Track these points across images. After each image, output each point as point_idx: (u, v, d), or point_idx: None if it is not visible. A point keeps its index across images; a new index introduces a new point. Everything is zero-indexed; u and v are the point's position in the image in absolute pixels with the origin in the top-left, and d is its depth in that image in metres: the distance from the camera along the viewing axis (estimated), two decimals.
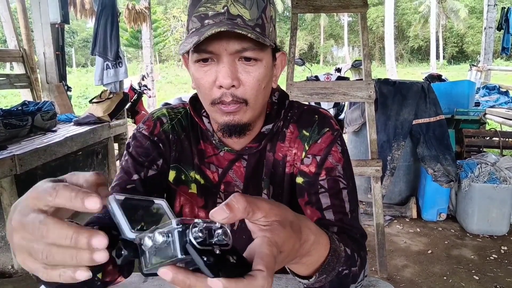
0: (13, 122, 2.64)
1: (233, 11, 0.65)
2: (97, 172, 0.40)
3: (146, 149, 0.81)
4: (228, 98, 0.68)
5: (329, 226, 0.74)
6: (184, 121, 0.85)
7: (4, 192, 2.23)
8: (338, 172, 0.78)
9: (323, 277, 0.57)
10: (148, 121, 0.84)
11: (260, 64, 0.69)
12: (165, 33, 24.72)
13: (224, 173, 0.83)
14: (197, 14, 0.67)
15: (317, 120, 0.82)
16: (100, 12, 3.59)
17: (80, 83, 15.68)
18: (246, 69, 0.68)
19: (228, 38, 0.64)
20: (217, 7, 0.65)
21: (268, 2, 0.70)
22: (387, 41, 18.36)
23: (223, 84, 0.66)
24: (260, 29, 0.67)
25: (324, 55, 32.92)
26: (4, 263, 2.42)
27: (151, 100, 8.29)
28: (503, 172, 2.85)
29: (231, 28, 0.61)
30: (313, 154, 0.79)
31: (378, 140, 3.11)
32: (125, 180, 0.78)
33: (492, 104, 4.92)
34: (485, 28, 7.94)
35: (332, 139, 0.80)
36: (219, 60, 0.67)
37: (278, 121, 0.81)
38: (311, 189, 0.78)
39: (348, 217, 0.76)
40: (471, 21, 26.69)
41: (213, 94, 0.69)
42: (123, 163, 0.82)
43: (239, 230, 0.85)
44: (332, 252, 0.56)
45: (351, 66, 5.80)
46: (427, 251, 2.71)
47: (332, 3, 2.28)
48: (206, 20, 0.66)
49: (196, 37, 0.63)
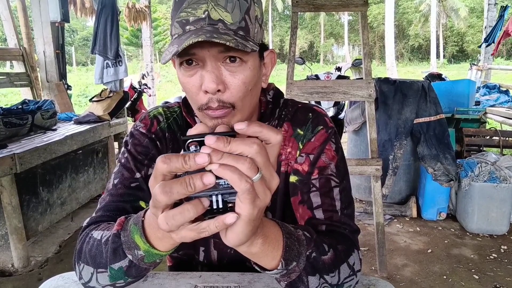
0: (13, 120, 2.64)
1: (214, 16, 0.63)
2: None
3: (145, 147, 0.81)
4: (214, 103, 0.66)
5: (318, 225, 0.74)
6: (179, 120, 0.85)
7: (4, 191, 2.23)
8: (330, 170, 0.78)
9: (294, 265, 0.58)
10: (145, 119, 0.84)
11: (245, 66, 0.67)
12: (165, 32, 24.69)
13: None
14: (179, 19, 0.65)
15: (311, 118, 0.82)
16: (100, 10, 3.59)
17: (80, 81, 15.68)
18: (231, 73, 0.66)
19: (210, 43, 0.62)
20: (198, 12, 0.64)
21: (252, 2, 0.68)
22: (388, 40, 18.35)
23: (208, 89, 0.65)
24: (244, 32, 0.66)
25: (324, 54, 32.92)
26: (4, 262, 2.43)
27: (151, 99, 8.29)
28: (503, 171, 2.85)
29: (209, 37, 0.59)
30: (306, 153, 0.79)
31: (380, 139, 3.12)
32: (128, 178, 0.78)
33: (492, 103, 4.92)
34: (485, 27, 7.93)
35: (326, 137, 0.80)
36: (204, 64, 0.65)
37: (273, 120, 0.81)
38: (304, 188, 0.78)
39: (338, 214, 0.75)
40: (472, 20, 26.68)
41: (200, 99, 0.68)
42: (122, 160, 0.81)
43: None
44: (286, 234, 0.57)
45: (351, 65, 5.79)
46: (427, 250, 2.71)
47: (332, 2, 2.28)
48: (187, 26, 0.64)
49: (176, 46, 0.62)
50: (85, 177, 3.15)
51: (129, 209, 0.75)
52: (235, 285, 0.76)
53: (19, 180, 2.32)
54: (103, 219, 0.74)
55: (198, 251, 0.88)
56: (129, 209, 0.75)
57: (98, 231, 0.67)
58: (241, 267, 0.88)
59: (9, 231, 2.31)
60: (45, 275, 2.33)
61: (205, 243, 0.87)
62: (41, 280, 1.24)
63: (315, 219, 0.75)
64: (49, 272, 2.38)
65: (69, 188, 2.90)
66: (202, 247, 0.88)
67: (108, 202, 0.76)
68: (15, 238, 2.32)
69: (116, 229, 0.60)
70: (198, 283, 0.77)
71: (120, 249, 0.59)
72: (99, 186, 3.40)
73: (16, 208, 2.29)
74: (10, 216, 2.28)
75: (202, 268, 0.90)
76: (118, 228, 0.60)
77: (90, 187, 3.23)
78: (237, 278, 0.79)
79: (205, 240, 0.87)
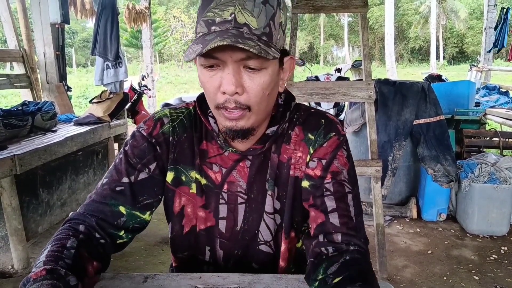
0: (13, 122, 2.64)
1: (240, 19, 0.65)
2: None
3: (141, 151, 0.81)
4: (231, 104, 0.69)
5: (333, 233, 0.74)
6: (186, 121, 0.85)
7: (4, 192, 2.23)
8: (343, 176, 0.78)
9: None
10: (149, 121, 0.84)
11: (265, 72, 0.69)
12: (165, 33, 24.70)
13: (228, 172, 0.83)
14: (205, 19, 0.66)
15: (323, 124, 0.82)
16: (100, 12, 3.59)
17: (80, 83, 15.68)
18: (251, 77, 0.68)
19: (233, 47, 0.64)
20: (225, 13, 0.65)
21: (278, 8, 0.69)
22: (387, 41, 18.37)
23: (226, 91, 0.67)
24: (267, 38, 0.67)
25: (324, 55, 32.93)
26: (4, 263, 2.42)
27: (151, 100, 8.29)
28: (503, 172, 2.85)
29: (234, 41, 0.61)
30: (318, 158, 0.80)
31: (379, 141, 3.11)
32: (115, 181, 0.80)
33: (492, 105, 4.91)
34: (485, 28, 7.93)
35: (338, 144, 0.80)
36: (224, 66, 0.67)
37: (283, 123, 0.81)
38: (317, 192, 0.78)
39: (353, 221, 0.76)
40: (471, 21, 26.70)
41: (217, 98, 0.70)
42: (117, 160, 0.83)
43: (242, 231, 0.86)
44: None
45: (351, 66, 5.80)
46: (427, 251, 2.71)
47: (332, 3, 2.28)
48: (213, 27, 0.65)
49: (200, 45, 0.63)
50: (85, 178, 3.15)
51: (107, 212, 0.78)
52: (235, 286, 0.76)
53: (19, 181, 2.32)
54: (80, 218, 0.77)
55: (204, 251, 0.89)
56: (108, 213, 0.78)
57: (47, 252, 0.67)
58: (247, 268, 0.88)
59: (9, 232, 2.31)
60: None
61: (211, 243, 0.87)
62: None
63: (329, 224, 0.75)
64: None
65: (69, 189, 2.90)
66: (208, 247, 0.88)
67: (91, 201, 0.79)
68: (15, 239, 2.32)
69: (31, 276, 0.61)
70: (198, 284, 0.77)
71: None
72: None
73: (16, 210, 2.29)
74: (10, 218, 2.28)
75: (208, 268, 0.90)
76: (32, 276, 0.61)
77: (90, 188, 3.23)
78: (237, 279, 0.79)
79: (211, 239, 0.87)
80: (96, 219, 0.77)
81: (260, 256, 0.88)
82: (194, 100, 0.86)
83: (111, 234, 0.78)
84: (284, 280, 0.79)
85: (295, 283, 0.78)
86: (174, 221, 0.88)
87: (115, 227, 0.78)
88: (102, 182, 0.80)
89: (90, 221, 0.76)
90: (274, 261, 0.88)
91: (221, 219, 0.85)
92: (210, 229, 0.86)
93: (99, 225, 0.77)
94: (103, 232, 0.77)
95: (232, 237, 0.86)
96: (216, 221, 0.85)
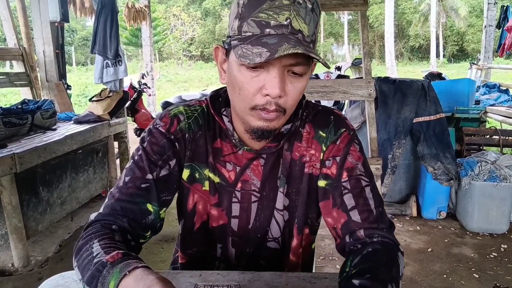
0: (13, 120, 2.63)
1: (295, 25, 0.65)
2: None
3: (161, 147, 0.80)
4: (272, 106, 0.69)
5: (356, 230, 0.75)
6: (200, 119, 0.84)
7: (4, 191, 2.23)
8: (359, 170, 0.80)
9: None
10: (165, 117, 0.83)
11: (305, 77, 0.70)
12: (164, 31, 24.67)
13: (242, 171, 0.83)
14: (257, 19, 0.65)
15: (333, 121, 0.83)
16: (99, 10, 3.58)
17: (80, 81, 15.68)
18: (292, 81, 0.69)
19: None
20: (280, 17, 0.64)
21: (320, 16, 0.71)
22: (387, 40, 18.33)
23: (271, 94, 0.67)
24: (313, 45, 0.68)
25: (324, 53, 32.90)
26: (5, 261, 2.43)
27: (151, 99, 8.29)
28: (503, 170, 2.85)
29: (305, 50, 0.61)
30: (333, 156, 0.81)
31: (379, 139, 3.11)
32: (139, 178, 0.77)
33: (492, 103, 4.91)
34: (485, 26, 7.92)
35: (350, 139, 0.82)
36: (270, 69, 0.66)
37: (296, 121, 0.82)
38: (335, 191, 0.79)
39: (374, 214, 0.76)
40: (471, 19, 26.67)
41: (256, 100, 0.69)
42: (135, 157, 0.80)
43: (253, 228, 0.86)
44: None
45: (351, 65, 5.80)
46: (427, 249, 2.71)
47: (332, 1, 2.28)
48: (267, 29, 0.65)
49: (264, 49, 0.62)
50: (85, 176, 3.15)
51: (136, 211, 0.76)
52: (235, 283, 0.76)
53: (19, 179, 2.32)
54: (109, 218, 0.74)
55: (216, 247, 0.89)
56: (137, 212, 0.76)
57: (100, 244, 0.66)
58: (256, 265, 0.89)
59: (9, 230, 2.31)
60: (45, 275, 2.33)
61: (223, 240, 0.88)
62: (41, 280, 1.24)
63: (352, 222, 0.76)
64: (49, 271, 2.38)
65: (69, 187, 2.90)
66: (220, 244, 0.89)
67: (116, 201, 0.76)
68: (15, 237, 2.32)
69: (107, 260, 0.61)
70: (199, 282, 0.77)
71: (96, 279, 0.60)
72: (99, 186, 3.40)
73: (16, 208, 2.29)
74: (10, 216, 2.28)
75: (219, 264, 0.91)
76: (109, 260, 0.61)
77: (90, 186, 3.23)
78: (237, 277, 0.79)
79: (223, 237, 0.88)
80: (128, 220, 0.74)
81: (268, 253, 0.89)
82: (206, 98, 0.86)
83: (139, 235, 0.77)
84: (284, 278, 0.79)
85: (296, 281, 0.78)
86: (186, 218, 0.88)
87: (142, 228, 0.77)
88: (124, 180, 0.78)
89: (122, 223, 0.74)
90: (281, 257, 0.89)
91: (233, 218, 0.86)
92: (222, 227, 0.87)
93: (131, 226, 0.74)
94: (134, 233, 0.75)
95: (244, 235, 0.87)
96: (228, 219, 0.86)
